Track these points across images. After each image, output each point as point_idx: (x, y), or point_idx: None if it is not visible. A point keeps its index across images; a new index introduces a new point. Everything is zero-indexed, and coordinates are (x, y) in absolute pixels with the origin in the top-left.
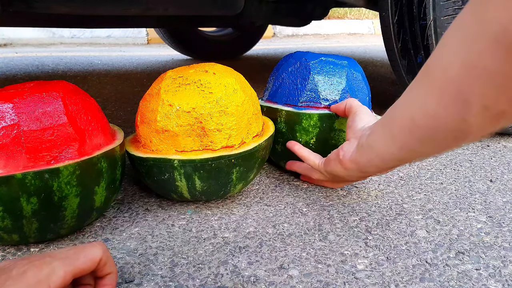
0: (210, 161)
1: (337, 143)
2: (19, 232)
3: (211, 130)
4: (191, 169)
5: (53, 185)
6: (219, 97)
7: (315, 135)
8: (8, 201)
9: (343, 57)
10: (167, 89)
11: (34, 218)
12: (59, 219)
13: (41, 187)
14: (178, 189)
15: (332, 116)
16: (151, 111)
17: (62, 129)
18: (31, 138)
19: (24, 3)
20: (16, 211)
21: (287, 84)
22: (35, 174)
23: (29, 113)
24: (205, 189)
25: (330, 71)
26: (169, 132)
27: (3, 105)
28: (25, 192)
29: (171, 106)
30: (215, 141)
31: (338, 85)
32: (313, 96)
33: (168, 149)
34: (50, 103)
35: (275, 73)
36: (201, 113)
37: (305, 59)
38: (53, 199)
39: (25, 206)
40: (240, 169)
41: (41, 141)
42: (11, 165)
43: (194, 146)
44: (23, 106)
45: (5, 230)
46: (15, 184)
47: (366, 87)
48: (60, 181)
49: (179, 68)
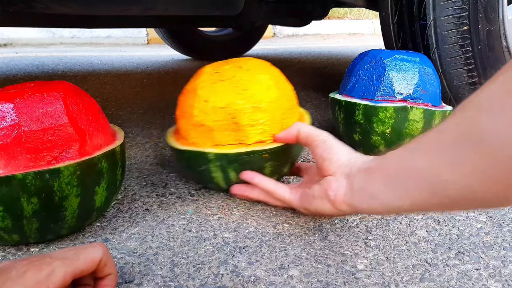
0: (243, 155)
1: (411, 132)
2: (20, 232)
3: (244, 126)
4: (226, 162)
5: (54, 185)
6: (253, 93)
7: (391, 125)
8: (8, 201)
9: (415, 53)
10: (203, 85)
11: (35, 218)
12: (59, 219)
13: (41, 187)
14: (214, 180)
15: (407, 108)
16: (189, 106)
17: (63, 129)
18: (32, 138)
19: (24, 3)
20: (16, 211)
21: (364, 80)
22: (36, 174)
23: (30, 113)
24: (240, 180)
25: (403, 68)
26: (205, 126)
27: (4, 105)
28: (25, 192)
29: (207, 102)
30: (248, 136)
31: (412, 80)
32: (389, 91)
33: (204, 142)
34: (51, 103)
35: (351, 70)
36: (235, 109)
37: (380, 57)
38: (54, 199)
39: (25, 206)
40: (273, 163)
41: (42, 141)
42: (12, 165)
43: (229, 140)
44: (24, 106)
45: (5, 230)
46: (16, 184)
47: (437, 81)
48: (61, 181)
49: (216, 63)
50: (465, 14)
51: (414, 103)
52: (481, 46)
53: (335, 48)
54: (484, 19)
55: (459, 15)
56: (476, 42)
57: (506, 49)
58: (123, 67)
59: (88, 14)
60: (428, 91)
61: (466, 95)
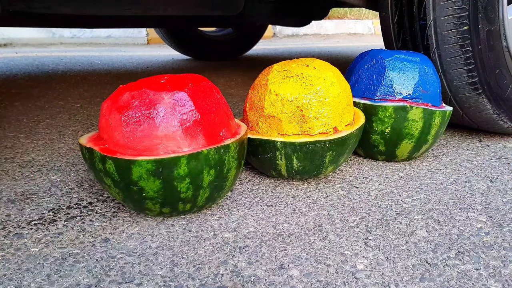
0: (308, 145)
1: (410, 132)
2: (193, 202)
3: (310, 118)
4: (291, 151)
5: (225, 158)
6: (319, 89)
7: (390, 124)
8: (194, 174)
9: (415, 53)
10: (273, 80)
11: (208, 188)
12: (221, 188)
13: (218, 161)
14: (278, 167)
15: (406, 108)
16: (259, 99)
17: (222, 113)
18: (205, 121)
19: (24, 3)
20: (198, 182)
21: (364, 79)
22: (216, 150)
23: (199, 100)
24: (301, 168)
25: (403, 67)
26: (274, 118)
27: (180, 93)
28: (207, 165)
29: (277, 96)
30: (313, 127)
31: (412, 79)
32: (389, 90)
33: (272, 132)
34: (209, 92)
35: (351, 69)
36: (303, 103)
37: (380, 57)
38: (223, 170)
39: (205, 178)
40: (332, 153)
41: (211, 123)
42: (194, 144)
43: (295, 130)
44: (193, 95)
45: (184, 201)
46: (202, 159)
47: (437, 81)
48: (229, 155)
49: (283, 62)
50: (465, 14)
51: (414, 102)
52: (481, 46)
53: (335, 48)
54: (484, 19)
55: (459, 15)
56: (476, 42)
57: (506, 49)
58: (123, 67)
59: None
60: (428, 91)
61: (466, 95)
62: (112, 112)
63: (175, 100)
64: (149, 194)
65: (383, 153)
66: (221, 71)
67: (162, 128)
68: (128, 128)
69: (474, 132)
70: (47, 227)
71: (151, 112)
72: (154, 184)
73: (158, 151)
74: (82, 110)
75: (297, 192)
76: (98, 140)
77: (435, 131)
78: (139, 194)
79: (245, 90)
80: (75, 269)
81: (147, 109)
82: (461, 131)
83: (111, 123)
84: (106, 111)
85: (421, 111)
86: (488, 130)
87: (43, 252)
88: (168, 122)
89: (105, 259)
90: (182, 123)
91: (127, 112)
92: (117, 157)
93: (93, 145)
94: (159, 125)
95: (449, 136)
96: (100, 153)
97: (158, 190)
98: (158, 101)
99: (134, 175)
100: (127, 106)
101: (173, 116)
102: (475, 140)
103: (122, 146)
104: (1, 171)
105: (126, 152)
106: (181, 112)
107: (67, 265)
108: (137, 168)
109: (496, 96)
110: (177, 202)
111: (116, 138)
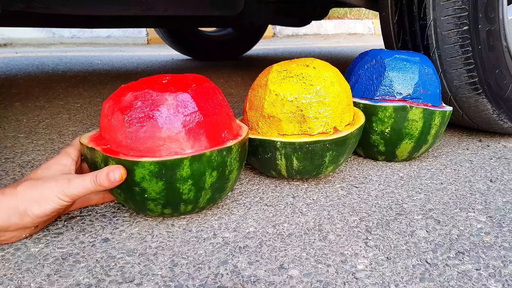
0: (308, 144)
1: (410, 132)
2: (194, 203)
3: (310, 118)
4: (291, 150)
5: (227, 160)
6: (319, 89)
7: (390, 125)
8: (197, 176)
9: (415, 53)
10: (273, 80)
11: (210, 190)
12: (223, 190)
13: (220, 163)
14: (278, 167)
15: (406, 108)
16: (259, 99)
17: (224, 115)
18: (208, 122)
19: (24, 3)
20: (200, 183)
21: (364, 79)
22: (218, 152)
23: (202, 101)
24: (301, 168)
25: (403, 67)
26: (274, 117)
27: (183, 94)
28: (210, 167)
29: (277, 96)
30: (313, 127)
31: (411, 79)
32: (388, 90)
33: (271, 132)
34: (212, 92)
35: (351, 69)
36: (302, 103)
37: (380, 57)
38: (225, 172)
39: (207, 179)
40: (332, 153)
41: (213, 125)
42: (196, 145)
43: (294, 130)
44: (196, 95)
45: (186, 202)
46: (205, 160)
47: (437, 81)
48: (231, 157)
49: (283, 62)
50: (465, 14)
51: (414, 102)
52: (481, 46)
53: (335, 48)
54: (484, 19)
55: (459, 15)
56: (476, 42)
57: (506, 49)
58: (123, 67)
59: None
60: (428, 91)
61: (466, 95)
62: (115, 113)
63: (179, 102)
64: (152, 195)
65: (383, 153)
66: (221, 71)
67: (165, 130)
68: (131, 129)
69: (474, 132)
70: (47, 227)
71: (154, 113)
72: (156, 185)
73: (161, 152)
74: (82, 110)
75: (297, 192)
76: (99, 140)
77: (435, 131)
78: (141, 195)
79: (245, 90)
80: (75, 269)
81: (150, 110)
82: (461, 131)
83: (114, 123)
84: (109, 111)
85: (421, 111)
86: (488, 130)
87: (43, 252)
88: (171, 123)
89: (105, 259)
90: (185, 125)
91: (130, 113)
92: (120, 158)
93: (95, 145)
94: (162, 126)
95: (449, 136)
96: (102, 154)
97: (160, 191)
98: (161, 102)
99: (136, 176)
100: (130, 106)
101: (176, 117)
102: (475, 140)
103: (125, 146)
104: (1, 171)
105: (129, 153)
106: (184, 113)
107: (67, 265)
108: (140, 169)
109: (496, 96)
110: (179, 203)
111: (119, 139)
